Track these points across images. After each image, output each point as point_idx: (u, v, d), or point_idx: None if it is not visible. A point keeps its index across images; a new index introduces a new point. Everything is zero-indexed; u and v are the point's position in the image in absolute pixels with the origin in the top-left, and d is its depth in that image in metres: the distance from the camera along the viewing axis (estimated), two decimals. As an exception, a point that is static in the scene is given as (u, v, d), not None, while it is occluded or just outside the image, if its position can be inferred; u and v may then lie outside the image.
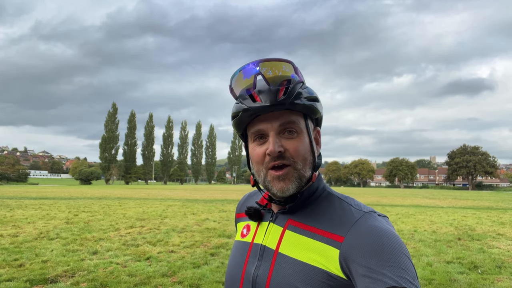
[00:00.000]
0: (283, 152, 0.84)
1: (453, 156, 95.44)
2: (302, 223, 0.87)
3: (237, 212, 1.12)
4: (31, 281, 5.03)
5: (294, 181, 0.85)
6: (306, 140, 0.87)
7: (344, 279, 0.77)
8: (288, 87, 0.83)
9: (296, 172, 0.85)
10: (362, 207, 0.86)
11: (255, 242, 0.94)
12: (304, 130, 0.87)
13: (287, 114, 0.85)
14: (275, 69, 0.84)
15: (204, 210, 15.87)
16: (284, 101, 0.82)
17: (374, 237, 0.76)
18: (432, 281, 5.43)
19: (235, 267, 0.95)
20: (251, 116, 0.86)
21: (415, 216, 15.08)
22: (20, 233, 8.96)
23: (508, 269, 6.21)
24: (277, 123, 0.84)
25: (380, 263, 0.72)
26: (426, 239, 9.15)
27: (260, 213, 0.97)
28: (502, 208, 20.63)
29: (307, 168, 0.87)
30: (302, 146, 0.85)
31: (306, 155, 0.86)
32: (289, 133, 0.85)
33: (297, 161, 0.85)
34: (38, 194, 26.76)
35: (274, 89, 0.83)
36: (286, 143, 0.85)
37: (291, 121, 0.85)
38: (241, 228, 1.04)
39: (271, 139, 0.84)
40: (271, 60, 0.85)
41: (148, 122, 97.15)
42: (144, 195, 29.36)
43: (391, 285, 0.69)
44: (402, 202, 25.37)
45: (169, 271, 5.71)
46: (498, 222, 13.30)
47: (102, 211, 14.59)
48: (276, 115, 0.84)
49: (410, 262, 0.74)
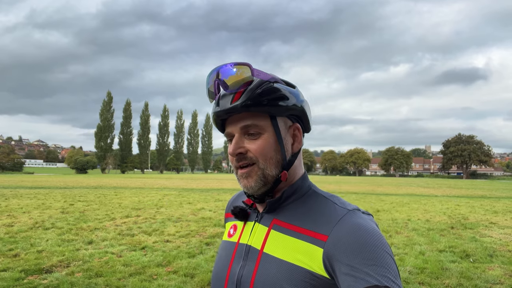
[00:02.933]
0: (244, 153, 0.87)
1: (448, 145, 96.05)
2: (287, 223, 0.87)
3: (226, 211, 1.12)
4: (26, 271, 5.04)
5: (257, 179, 0.86)
6: (270, 140, 0.87)
7: (327, 278, 0.77)
8: (245, 90, 0.84)
9: (260, 170, 0.87)
10: (347, 205, 0.86)
11: (241, 242, 0.94)
12: (268, 129, 0.87)
13: (248, 116, 0.86)
14: (234, 73, 0.86)
15: (200, 200, 15.92)
16: (237, 105, 0.84)
17: (357, 235, 0.76)
18: (424, 270, 5.50)
19: (220, 267, 0.95)
20: (217, 119, 0.90)
21: (409, 205, 15.22)
22: (15, 222, 8.95)
23: (500, 258, 6.29)
24: (238, 126, 0.87)
25: (363, 262, 0.72)
26: (420, 228, 9.24)
27: (246, 213, 0.97)
28: (496, 197, 20.86)
29: (272, 167, 0.87)
30: (264, 146, 0.86)
31: (269, 155, 0.87)
32: (250, 135, 0.87)
33: (259, 161, 0.86)
34: (33, 183, 26.69)
35: (230, 93, 0.86)
36: (249, 144, 0.87)
37: (251, 123, 0.86)
38: (229, 228, 1.04)
39: (233, 141, 0.88)
40: (230, 64, 0.86)
41: (144, 111, 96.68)
42: (140, 184, 29.37)
43: (373, 283, 0.69)
44: (397, 191, 25.56)
45: (164, 261, 5.74)
46: (491, 211, 13.46)
47: (98, 201, 14.60)
48: (238, 118, 0.87)
49: (392, 261, 0.75)
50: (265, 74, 0.88)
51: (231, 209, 0.99)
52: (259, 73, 0.87)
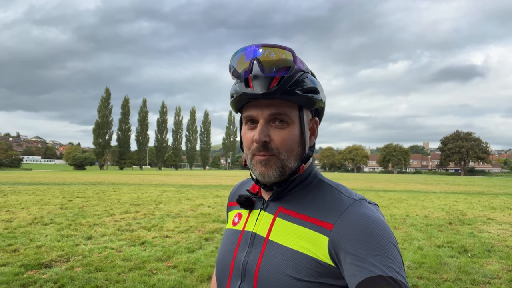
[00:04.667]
0: (268, 142, 0.83)
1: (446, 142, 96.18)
2: (292, 211, 0.87)
3: (229, 200, 1.11)
4: (26, 266, 5.04)
5: (276, 169, 0.84)
6: (296, 131, 0.85)
7: (332, 266, 0.77)
8: (283, 77, 0.81)
9: (279, 161, 0.84)
10: (353, 194, 0.86)
11: (246, 229, 0.94)
12: (296, 121, 0.85)
13: (280, 104, 0.83)
14: (274, 56, 0.81)
15: (199, 196, 15.92)
16: (276, 91, 0.80)
17: (363, 225, 0.76)
18: (422, 265, 5.52)
19: (225, 254, 0.96)
20: (244, 100, 0.85)
21: (407, 201, 15.26)
22: (14, 218, 8.94)
23: (498, 253, 6.33)
24: (267, 112, 0.83)
25: (368, 252, 0.72)
26: (418, 223, 9.28)
27: (251, 201, 0.96)
28: (493, 193, 20.93)
29: (292, 160, 0.85)
30: (289, 138, 0.84)
31: (292, 147, 0.85)
32: (280, 122, 0.84)
33: (281, 152, 0.84)
34: (31, 180, 26.64)
35: (269, 77, 0.81)
36: (274, 133, 0.84)
37: (282, 112, 0.83)
38: (233, 216, 1.03)
39: (259, 127, 0.83)
40: (271, 46, 0.82)
41: (142, 108, 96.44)
42: (139, 180, 29.35)
43: (377, 273, 0.69)
44: (395, 188, 25.63)
45: (164, 256, 5.75)
46: (489, 207, 13.51)
47: (97, 197, 14.58)
48: (268, 103, 0.83)
49: (397, 252, 0.75)
50: (303, 63, 0.86)
51: (236, 198, 0.98)
52: (299, 61, 0.84)
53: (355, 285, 0.71)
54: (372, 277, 0.69)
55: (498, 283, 4.75)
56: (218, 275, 0.97)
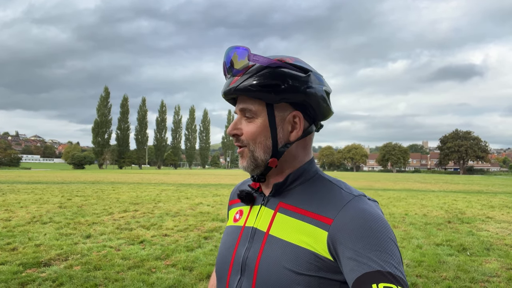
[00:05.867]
0: (239, 134, 0.90)
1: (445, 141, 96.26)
2: (293, 206, 0.87)
3: (231, 199, 1.12)
4: (24, 265, 5.04)
5: (248, 160, 0.90)
6: (262, 125, 0.87)
7: (331, 260, 0.78)
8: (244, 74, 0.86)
9: (250, 152, 0.89)
10: (353, 190, 0.86)
11: (247, 225, 0.94)
12: (262, 115, 0.87)
13: (245, 100, 0.88)
14: (236, 58, 0.87)
15: (198, 195, 15.92)
16: (231, 89, 0.87)
17: (362, 221, 0.76)
18: (421, 263, 5.53)
19: (225, 250, 0.96)
20: (226, 99, 0.94)
21: (406, 200, 15.28)
22: (13, 217, 8.93)
23: (496, 251, 6.34)
24: (237, 107, 0.91)
25: (367, 247, 0.72)
26: (417, 222, 9.29)
27: (252, 196, 0.97)
28: (492, 192, 20.96)
29: (260, 152, 0.88)
30: (254, 131, 0.88)
31: (258, 139, 0.88)
32: (247, 116, 0.89)
33: (249, 143, 0.89)
34: (30, 179, 26.61)
35: (231, 77, 0.88)
36: (243, 126, 0.90)
37: (246, 107, 0.88)
38: (234, 214, 1.04)
39: (232, 122, 0.92)
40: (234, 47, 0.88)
41: (141, 107, 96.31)
42: (138, 179, 29.34)
43: (375, 269, 0.70)
44: (394, 186, 25.66)
45: (163, 254, 5.75)
46: (488, 205, 13.53)
47: (96, 196, 14.57)
48: (239, 99, 0.90)
49: (396, 247, 0.75)
50: (266, 59, 0.85)
51: (237, 193, 0.99)
52: (258, 58, 0.85)
53: (353, 280, 0.71)
54: (371, 272, 0.69)
55: (497, 281, 4.75)
56: (218, 270, 0.97)
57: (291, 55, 0.91)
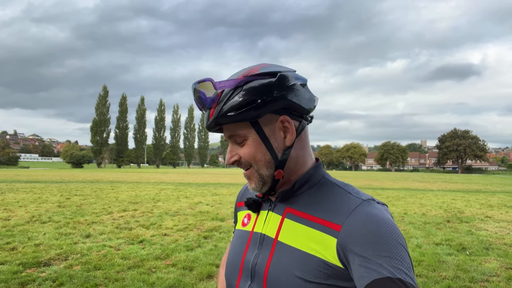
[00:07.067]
0: (238, 159, 0.89)
1: (444, 140, 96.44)
2: (300, 211, 0.86)
3: (238, 201, 1.11)
4: (24, 264, 5.03)
5: (256, 180, 0.89)
6: (255, 143, 0.86)
7: (341, 268, 0.77)
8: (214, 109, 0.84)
9: (256, 172, 0.88)
10: (361, 194, 0.84)
11: (255, 230, 0.93)
12: (250, 134, 0.85)
13: (229, 127, 0.87)
14: (204, 91, 0.84)
15: (197, 194, 15.92)
16: (210, 124, 0.86)
17: (371, 226, 0.75)
18: (421, 263, 5.54)
19: (235, 255, 0.95)
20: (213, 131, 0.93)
21: (405, 199, 15.30)
22: (12, 216, 8.91)
23: (496, 251, 6.35)
24: (225, 136, 0.90)
25: (376, 253, 0.71)
26: (416, 221, 9.30)
27: (259, 204, 0.96)
28: (491, 191, 21.01)
29: (263, 169, 0.87)
30: (251, 152, 0.86)
31: (258, 158, 0.86)
32: (237, 143, 0.88)
33: (252, 164, 0.88)
34: (29, 178, 26.56)
35: (207, 111, 0.86)
36: (239, 151, 0.88)
37: (233, 133, 0.87)
38: (242, 217, 1.03)
39: (227, 150, 0.91)
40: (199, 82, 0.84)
41: (140, 106, 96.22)
42: (137, 178, 29.32)
43: (385, 275, 0.69)
44: (393, 186, 25.69)
45: (163, 254, 5.75)
46: (487, 204, 13.56)
47: (95, 195, 14.56)
48: (224, 128, 0.88)
49: (406, 253, 0.74)
50: (231, 81, 0.83)
51: (244, 201, 0.98)
52: (223, 83, 0.83)
53: (363, 287, 0.70)
54: (381, 278, 0.69)
55: (497, 281, 4.76)
56: (227, 275, 0.97)
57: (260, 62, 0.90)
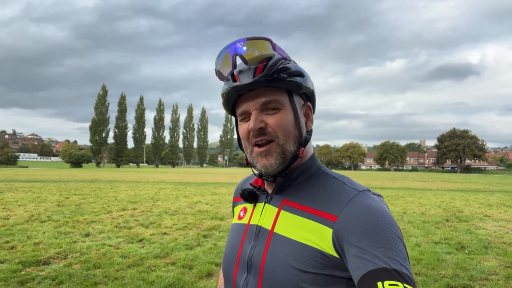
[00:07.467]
0: (264, 127, 0.85)
1: (443, 140, 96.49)
2: (296, 203, 0.87)
3: (235, 196, 1.12)
4: (24, 263, 5.02)
5: (277, 156, 0.85)
6: (290, 115, 0.86)
7: (337, 258, 0.77)
8: (266, 65, 0.83)
9: (279, 147, 0.85)
10: (357, 186, 0.86)
11: (251, 223, 0.94)
12: (287, 106, 0.87)
13: (268, 92, 0.85)
14: (254, 47, 0.84)
15: (196, 193, 15.92)
16: (261, 79, 0.82)
17: (367, 217, 0.76)
18: (420, 261, 5.55)
19: (231, 248, 0.96)
20: (233, 96, 0.87)
21: (404, 198, 15.32)
22: (11, 215, 8.91)
23: (495, 249, 6.36)
24: (258, 101, 0.85)
25: (372, 244, 0.72)
26: (415, 220, 9.32)
27: (255, 195, 0.97)
28: (490, 191, 21.04)
29: (290, 143, 0.86)
30: (284, 121, 0.85)
31: (288, 129, 0.86)
32: (271, 109, 0.85)
33: (279, 136, 0.85)
34: (28, 177, 26.53)
35: (252, 67, 0.83)
36: (268, 119, 0.85)
37: (272, 99, 0.85)
38: (238, 211, 1.04)
39: (252, 116, 0.85)
40: (250, 39, 0.84)
41: (139, 105, 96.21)
42: (136, 178, 29.30)
43: (381, 266, 0.69)
44: (392, 185, 25.72)
45: (162, 253, 5.75)
46: (485, 204, 13.58)
47: (94, 194, 14.55)
48: (257, 93, 0.85)
49: (402, 244, 0.74)
50: (283, 51, 0.88)
51: (240, 192, 0.99)
52: (279, 49, 0.87)
53: (358, 278, 0.71)
54: (376, 269, 0.69)
55: (496, 279, 4.77)
56: (225, 268, 0.97)
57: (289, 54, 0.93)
